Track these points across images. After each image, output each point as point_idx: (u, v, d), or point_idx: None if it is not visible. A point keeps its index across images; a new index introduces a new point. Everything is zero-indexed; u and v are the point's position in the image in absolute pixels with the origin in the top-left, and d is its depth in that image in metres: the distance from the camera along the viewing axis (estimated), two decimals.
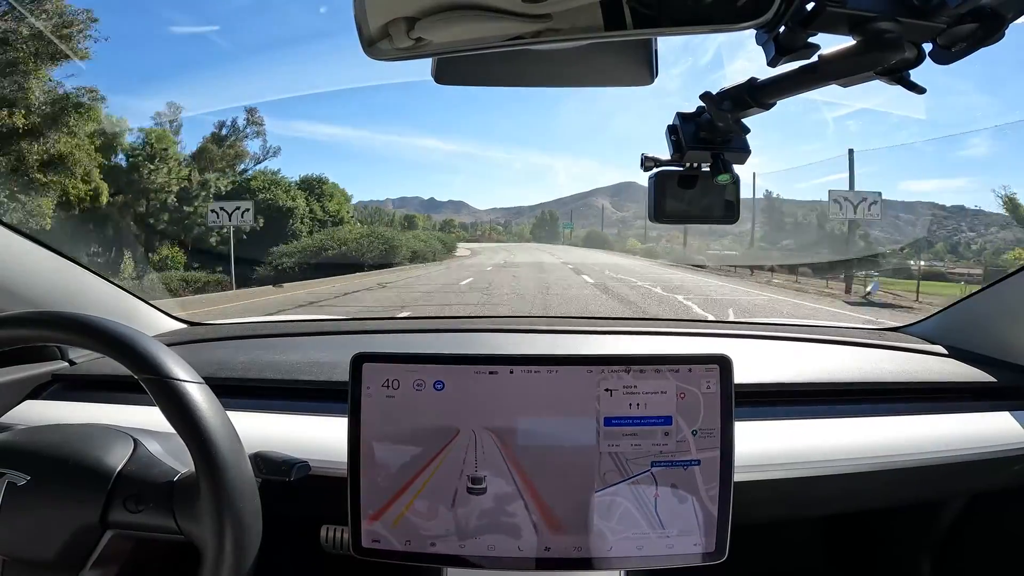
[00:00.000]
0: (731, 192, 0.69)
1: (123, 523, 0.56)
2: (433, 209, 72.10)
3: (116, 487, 0.56)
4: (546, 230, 79.45)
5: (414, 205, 77.08)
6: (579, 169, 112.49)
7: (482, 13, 0.41)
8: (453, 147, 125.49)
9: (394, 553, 0.65)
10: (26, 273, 0.90)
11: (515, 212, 69.48)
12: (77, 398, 0.87)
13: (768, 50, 0.48)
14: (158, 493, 0.56)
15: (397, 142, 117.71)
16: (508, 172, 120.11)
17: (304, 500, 0.81)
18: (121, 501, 0.55)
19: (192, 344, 1.05)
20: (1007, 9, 0.42)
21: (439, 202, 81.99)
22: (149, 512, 0.55)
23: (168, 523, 0.55)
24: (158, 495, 0.56)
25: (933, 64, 0.47)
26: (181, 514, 0.54)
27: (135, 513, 0.55)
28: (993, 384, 0.94)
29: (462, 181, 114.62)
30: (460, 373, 0.65)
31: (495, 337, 1.16)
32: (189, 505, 0.54)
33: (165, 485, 0.56)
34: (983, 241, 24.54)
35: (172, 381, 0.54)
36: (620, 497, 0.64)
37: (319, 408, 0.83)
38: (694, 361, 0.65)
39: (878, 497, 0.88)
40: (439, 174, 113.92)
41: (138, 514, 0.55)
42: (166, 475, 0.57)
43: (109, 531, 0.56)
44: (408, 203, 79.02)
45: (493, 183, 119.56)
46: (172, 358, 0.56)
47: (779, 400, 0.88)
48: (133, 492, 0.56)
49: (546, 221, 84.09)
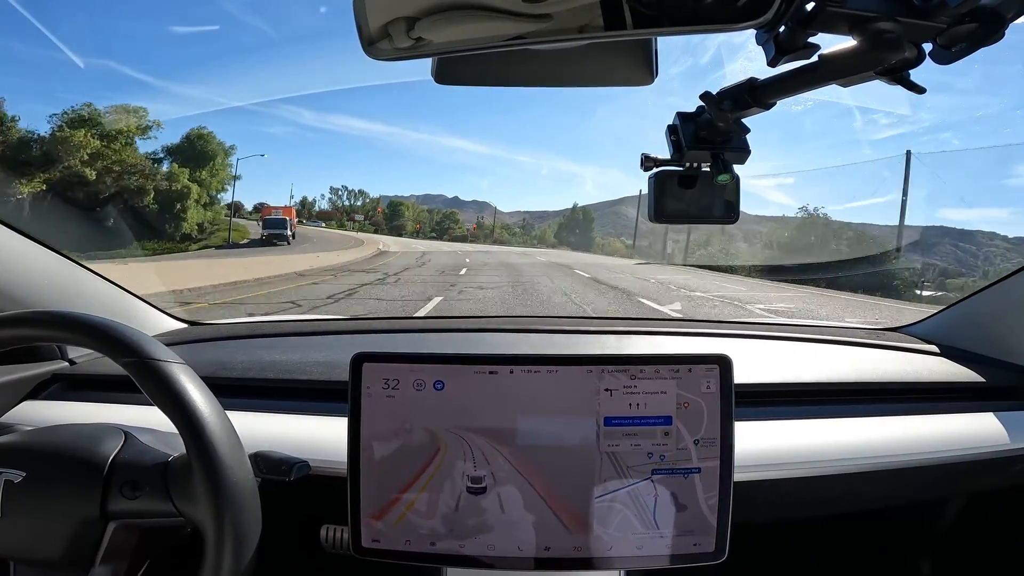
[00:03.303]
0: (731, 192, 0.69)
1: (123, 512, 0.56)
2: (458, 207, 69.69)
3: (111, 474, 0.56)
4: (577, 233, 57.37)
5: (438, 203, 73.28)
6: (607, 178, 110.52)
7: (482, 13, 0.41)
8: (482, 148, 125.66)
9: (394, 553, 0.65)
10: (25, 273, 0.89)
11: (539, 216, 64.14)
12: (77, 398, 0.87)
13: (768, 50, 0.48)
14: (153, 476, 0.56)
15: (427, 140, 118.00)
16: (534, 177, 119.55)
17: (304, 500, 0.81)
18: (118, 488, 0.56)
19: (192, 344, 1.05)
20: (1007, 9, 0.42)
21: (463, 201, 77.54)
22: (146, 497, 0.56)
23: (166, 507, 0.55)
24: (153, 478, 0.56)
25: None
26: (177, 496, 0.55)
27: (132, 500, 0.56)
28: (992, 384, 0.94)
29: (488, 183, 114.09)
30: (460, 373, 0.65)
31: (495, 337, 1.16)
32: (184, 486, 0.54)
33: (159, 467, 0.57)
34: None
35: (152, 362, 0.54)
36: (620, 497, 0.64)
37: (319, 408, 0.83)
38: (694, 361, 0.65)
39: (878, 497, 0.88)
40: (466, 175, 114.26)
41: (136, 500, 0.56)
42: (159, 459, 0.58)
43: (112, 523, 0.56)
44: (432, 200, 76.19)
45: (519, 187, 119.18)
46: (151, 341, 0.56)
47: (779, 400, 0.88)
48: (128, 478, 0.56)
49: (577, 222, 60.06)
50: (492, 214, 63.88)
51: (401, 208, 61.35)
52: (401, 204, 62.11)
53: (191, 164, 23.67)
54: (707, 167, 0.66)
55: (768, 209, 61.73)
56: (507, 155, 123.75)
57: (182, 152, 24.49)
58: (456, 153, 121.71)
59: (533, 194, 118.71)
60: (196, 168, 23.89)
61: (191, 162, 23.86)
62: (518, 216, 70.82)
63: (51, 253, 0.95)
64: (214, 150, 25.08)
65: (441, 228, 60.33)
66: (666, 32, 0.43)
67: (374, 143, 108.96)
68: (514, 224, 67.60)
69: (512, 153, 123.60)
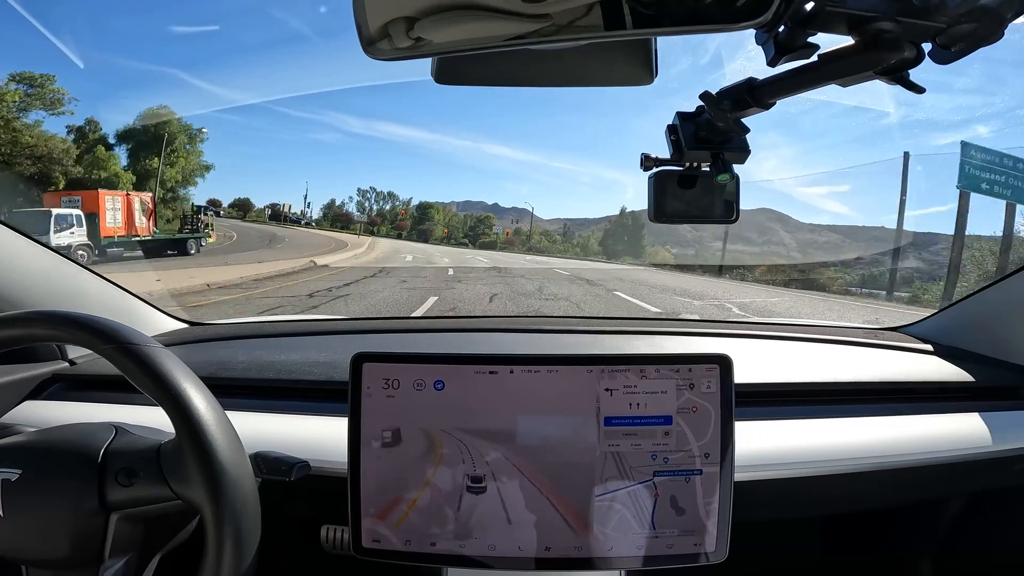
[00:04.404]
0: (731, 191, 0.69)
1: (122, 501, 0.56)
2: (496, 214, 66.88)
3: (105, 464, 0.57)
4: (625, 241, 44.60)
5: (478, 209, 70.54)
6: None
7: (481, 13, 0.41)
8: (522, 155, 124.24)
9: (395, 553, 0.65)
10: (24, 274, 0.89)
11: (579, 223, 58.84)
12: (77, 398, 0.87)
13: (768, 50, 0.49)
14: (147, 461, 0.56)
15: (468, 147, 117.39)
16: (574, 184, 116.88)
17: (304, 500, 0.81)
18: (113, 477, 0.56)
19: (192, 344, 1.05)
20: (1006, 9, 0.42)
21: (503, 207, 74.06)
22: (142, 483, 0.56)
23: (163, 491, 0.55)
24: (147, 464, 0.56)
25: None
26: (172, 478, 0.55)
27: (129, 487, 0.56)
28: (992, 384, 0.94)
29: (528, 190, 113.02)
30: (460, 373, 0.65)
31: (495, 337, 1.16)
32: (178, 467, 0.54)
33: (152, 452, 0.57)
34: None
35: (131, 346, 0.55)
36: (621, 497, 0.64)
37: (319, 408, 0.83)
38: (694, 361, 0.65)
39: (878, 497, 0.88)
40: (506, 181, 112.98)
41: (132, 487, 0.56)
42: (151, 444, 0.58)
43: (114, 514, 0.56)
44: (472, 207, 73.05)
45: (558, 194, 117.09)
46: (128, 328, 0.57)
47: (779, 400, 0.88)
48: (123, 466, 0.56)
49: (625, 228, 45.92)
50: (529, 220, 55.29)
51: (431, 211, 56.24)
52: (431, 207, 56.78)
53: (145, 151, 19.57)
54: (707, 167, 0.66)
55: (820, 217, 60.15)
56: (546, 162, 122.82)
57: (134, 137, 20.22)
58: (498, 159, 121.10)
59: (574, 201, 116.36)
60: (146, 155, 19.52)
61: (146, 148, 19.79)
62: (558, 223, 63.35)
63: (51, 253, 0.95)
64: (173, 132, 20.69)
65: (475, 234, 53.86)
66: (666, 32, 0.43)
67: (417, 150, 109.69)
68: (554, 231, 58.07)
69: (552, 160, 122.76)
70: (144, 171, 19.43)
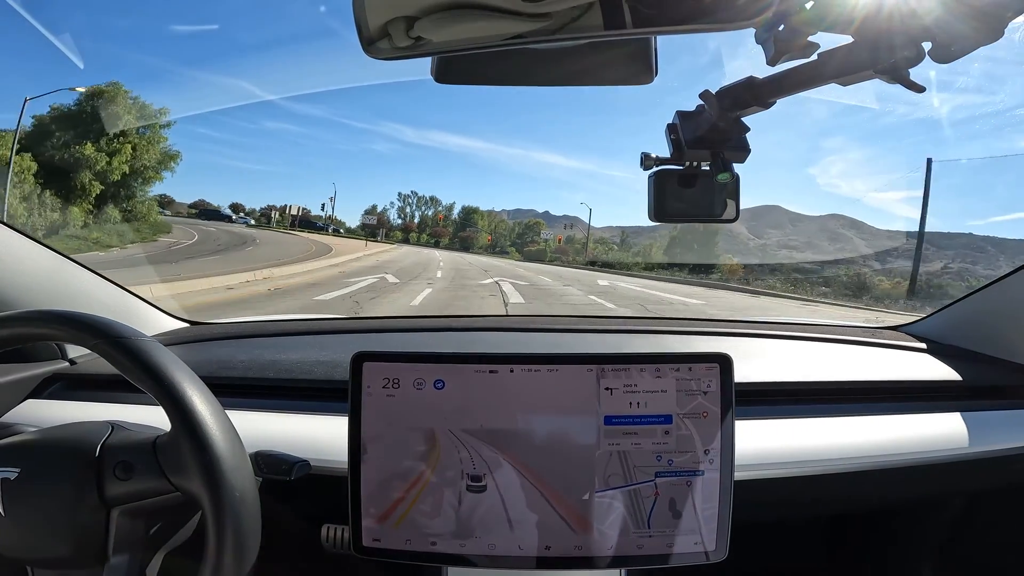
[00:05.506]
0: (731, 191, 0.69)
1: (122, 495, 0.56)
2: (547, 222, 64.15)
3: (103, 458, 0.57)
4: (695, 250, 36.07)
5: (527, 217, 68.88)
6: None
7: (481, 13, 0.41)
8: (575, 163, 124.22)
9: (395, 552, 0.65)
10: (24, 273, 0.89)
11: (633, 231, 51.32)
12: (78, 397, 0.87)
13: (768, 49, 0.49)
14: (143, 454, 0.56)
15: (522, 155, 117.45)
16: (628, 192, 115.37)
17: (305, 499, 0.81)
18: (111, 471, 0.56)
19: (192, 344, 1.05)
20: (1006, 9, 0.42)
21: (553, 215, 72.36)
22: (140, 476, 0.56)
23: (162, 483, 0.55)
24: (144, 457, 0.56)
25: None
26: (170, 469, 0.55)
27: (127, 480, 0.56)
28: (992, 383, 0.94)
29: (581, 198, 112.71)
30: (460, 372, 0.65)
31: (495, 336, 1.16)
32: (175, 458, 0.54)
33: (148, 445, 0.57)
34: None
35: (120, 339, 0.55)
36: (621, 497, 0.64)
37: (319, 407, 0.83)
38: (694, 360, 0.65)
39: (878, 496, 0.88)
40: (557, 189, 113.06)
41: (130, 481, 0.56)
42: (147, 438, 0.58)
43: (114, 510, 0.56)
44: (523, 215, 70.24)
45: (612, 202, 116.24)
46: (116, 323, 0.57)
47: (779, 399, 0.88)
48: (120, 459, 0.56)
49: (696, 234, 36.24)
50: (585, 228, 46.98)
51: (474, 217, 53.10)
52: (475, 212, 53.69)
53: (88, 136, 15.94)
54: (707, 166, 0.66)
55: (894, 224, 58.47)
56: (600, 170, 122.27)
57: (72, 119, 16.17)
58: (551, 168, 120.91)
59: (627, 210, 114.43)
60: (79, 140, 15.75)
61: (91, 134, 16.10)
62: (613, 231, 56.63)
63: (51, 253, 0.95)
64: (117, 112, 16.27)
65: (522, 241, 50.03)
66: (665, 31, 0.43)
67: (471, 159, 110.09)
68: (609, 239, 51.00)
69: (605, 168, 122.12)
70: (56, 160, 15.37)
